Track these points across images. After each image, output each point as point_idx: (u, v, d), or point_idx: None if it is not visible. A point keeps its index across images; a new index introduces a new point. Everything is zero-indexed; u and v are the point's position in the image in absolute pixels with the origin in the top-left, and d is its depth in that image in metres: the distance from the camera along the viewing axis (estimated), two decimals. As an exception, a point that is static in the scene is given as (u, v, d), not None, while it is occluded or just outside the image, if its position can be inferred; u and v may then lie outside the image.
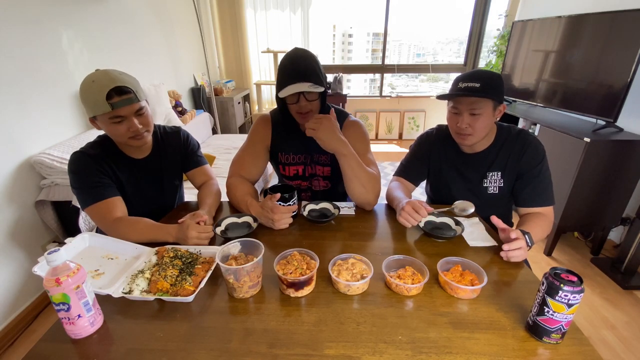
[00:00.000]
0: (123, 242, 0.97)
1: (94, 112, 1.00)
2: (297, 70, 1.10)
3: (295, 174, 1.36)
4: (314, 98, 1.16)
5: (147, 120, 1.08)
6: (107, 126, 1.04)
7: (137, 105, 1.03)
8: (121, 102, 0.99)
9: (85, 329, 0.69)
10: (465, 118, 1.10)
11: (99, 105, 0.97)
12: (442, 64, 4.71)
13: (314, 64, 1.13)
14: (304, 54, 1.14)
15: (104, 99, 0.96)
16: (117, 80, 0.99)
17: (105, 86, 0.97)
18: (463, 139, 1.15)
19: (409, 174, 1.32)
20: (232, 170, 1.30)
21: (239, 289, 0.79)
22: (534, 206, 1.15)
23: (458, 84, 1.10)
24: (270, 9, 4.00)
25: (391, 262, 0.87)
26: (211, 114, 3.63)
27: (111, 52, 2.36)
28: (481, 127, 1.11)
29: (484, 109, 1.08)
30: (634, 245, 1.91)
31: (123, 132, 1.04)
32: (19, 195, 1.67)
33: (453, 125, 1.16)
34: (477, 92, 1.05)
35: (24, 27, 1.69)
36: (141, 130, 1.06)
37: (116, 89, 0.98)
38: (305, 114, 1.18)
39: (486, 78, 1.07)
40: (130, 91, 1.01)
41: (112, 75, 0.99)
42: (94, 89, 0.97)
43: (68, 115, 1.98)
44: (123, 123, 1.03)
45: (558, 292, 0.63)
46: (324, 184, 1.39)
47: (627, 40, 1.91)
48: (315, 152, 1.32)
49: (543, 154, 1.15)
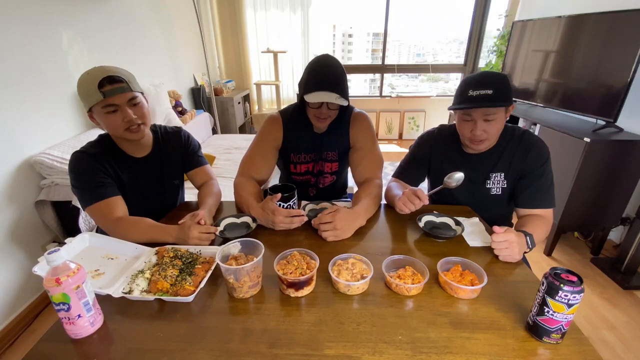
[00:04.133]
0: (123, 242, 0.97)
1: (88, 102, 1.01)
2: (329, 80, 1.14)
3: (306, 171, 1.39)
4: (335, 108, 1.20)
5: (142, 112, 1.08)
6: (102, 118, 1.04)
7: (129, 95, 1.03)
8: (113, 91, 1.00)
9: (85, 329, 0.69)
10: (480, 125, 1.08)
11: (92, 94, 0.98)
12: (442, 64, 4.71)
13: (343, 76, 1.17)
14: (336, 65, 1.17)
15: (96, 87, 0.98)
16: (109, 71, 1.00)
17: (97, 76, 0.98)
18: (477, 144, 1.13)
19: (407, 177, 1.32)
20: (241, 170, 1.32)
21: (239, 289, 0.79)
22: (534, 207, 1.14)
23: (468, 91, 1.06)
24: (270, 9, 4.00)
25: (391, 262, 0.87)
26: (211, 114, 3.63)
27: (111, 52, 2.36)
28: (495, 132, 1.11)
29: (497, 114, 1.07)
30: (634, 245, 1.91)
31: (118, 123, 1.04)
32: (19, 195, 1.67)
33: (466, 132, 1.12)
34: (492, 100, 1.03)
35: (24, 27, 1.69)
36: (136, 121, 1.05)
37: (108, 78, 0.99)
38: (323, 119, 1.22)
39: (497, 82, 1.04)
40: (123, 80, 1.02)
41: (105, 68, 1.02)
42: (88, 80, 0.99)
43: (68, 115, 1.98)
44: (117, 113, 1.03)
45: (558, 292, 0.63)
46: (331, 179, 1.41)
47: (627, 40, 1.91)
48: (325, 150, 1.35)
49: (547, 156, 1.13)
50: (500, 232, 0.91)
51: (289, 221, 1.06)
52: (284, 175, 1.51)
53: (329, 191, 1.45)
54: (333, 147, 1.34)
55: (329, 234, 1.01)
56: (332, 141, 1.34)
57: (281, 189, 1.11)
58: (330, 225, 1.01)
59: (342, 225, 1.01)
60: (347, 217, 1.03)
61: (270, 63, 4.16)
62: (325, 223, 1.02)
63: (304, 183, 1.41)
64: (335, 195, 1.50)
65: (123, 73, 1.04)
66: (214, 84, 3.71)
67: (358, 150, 1.31)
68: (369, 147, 1.30)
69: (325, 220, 1.02)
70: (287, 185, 1.13)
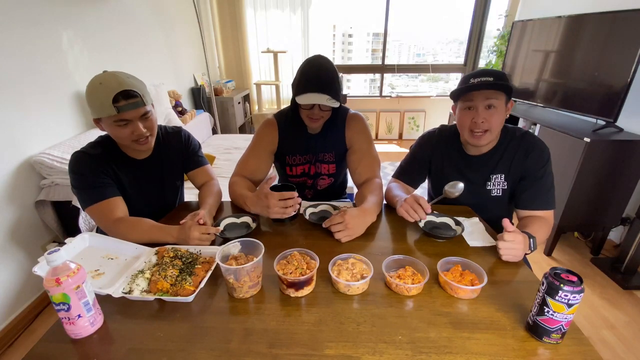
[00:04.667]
0: (123, 242, 0.97)
1: (99, 114, 1.00)
2: (320, 81, 1.13)
3: (302, 172, 1.39)
4: (327, 109, 1.20)
5: (151, 124, 1.08)
6: (111, 128, 1.04)
7: (142, 110, 1.03)
8: (127, 106, 0.99)
9: (85, 329, 0.69)
10: (481, 113, 1.08)
11: (105, 108, 0.97)
12: (442, 64, 4.71)
13: (335, 77, 1.16)
14: (327, 65, 1.16)
15: (110, 102, 0.96)
16: (124, 84, 0.98)
17: (112, 89, 0.96)
18: (479, 138, 1.11)
19: (408, 177, 1.32)
20: (235, 171, 1.33)
21: (239, 289, 0.79)
22: (534, 209, 1.14)
23: (470, 79, 1.09)
24: (270, 8, 4.00)
25: (391, 262, 0.87)
26: (211, 114, 3.63)
27: (111, 52, 2.36)
28: (497, 123, 1.10)
29: (499, 101, 1.07)
30: (634, 245, 1.91)
31: (127, 136, 1.04)
32: (19, 195, 1.67)
33: (467, 121, 1.12)
34: (493, 85, 1.05)
35: (24, 28, 1.68)
36: (145, 134, 1.06)
37: (123, 93, 0.97)
38: (315, 120, 1.22)
39: (497, 72, 1.08)
40: (137, 95, 1.00)
41: (120, 79, 0.99)
42: (101, 92, 0.97)
43: (68, 115, 1.98)
44: (127, 126, 1.03)
45: (558, 292, 0.63)
46: (328, 181, 1.41)
47: (627, 40, 1.91)
48: (320, 151, 1.35)
49: (548, 157, 1.13)
50: (511, 231, 0.91)
51: (283, 204, 1.04)
52: (281, 177, 1.51)
53: (326, 193, 1.45)
54: (329, 148, 1.34)
55: (341, 234, 1.00)
56: (328, 142, 1.34)
57: (281, 189, 1.11)
58: (342, 225, 1.00)
59: (353, 224, 1.01)
60: (357, 215, 1.03)
61: (270, 63, 4.16)
62: (336, 224, 1.01)
63: (301, 185, 1.42)
64: (334, 196, 1.50)
65: (137, 85, 1.02)
66: (214, 84, 3.71)
67: (356, 152, 1.31)
68: (366, 149, 1.30)
69: (336, 221, 1.01)
70: (287, 185, 1.13)
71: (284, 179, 1.46)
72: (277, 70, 4.10)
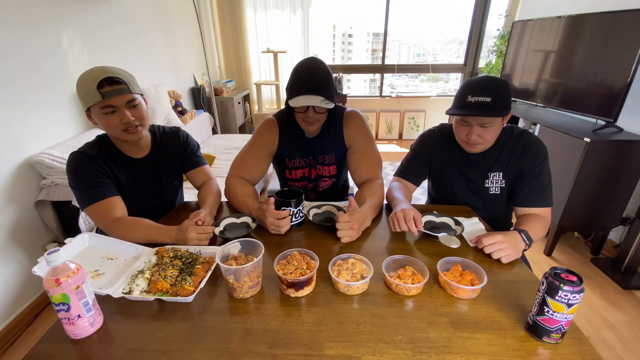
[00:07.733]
0: (123, 242, 0.97)
1: (87, 102, 1.01)
2: (312, 83, 1.11)
3: (302, 176, 1.37)
4: (322, 111, 1.18)
5: (140, 114, 1.07)
6: (100, 118, 1.04)
7: (128, 97, 1.03)
8: (112, 92, 0.99)
9: (85, 329, 0.69)
10: (475, 130, 1.09)
11: (91, 94, 0.98)
12: (442, 64, 4.72)
13: (328, 78, 1.14)
14: (320, 67, 1.15)
15: (95, 88, 0.97)
16: (109, 72, 1.00)
17: (97, 77, 0.98)
18: (472, 147, 1.15)
19: (409, 174, 1.32)
20: (232, 171, 1.30)
21: (239, 289, 0.79)
22: (532, 206, 1.14)
23: (467, 96, 1.06)
24: (270, 8, 4.00)
25: (391, 262, 0.87)
26: (211, 114, 3.63)
27: (111, 52, 2.36)
28: (491, 137, 1.12)
29: (494, 122, 1.08)
30: (634, 245, 1.91)
31: (116, 124, 1.04)
32: (19, 195, 1.67)
33: (462, 135, 1.14)
34: (489, 109, 1.04)
35: (24, 27, 1.68)
36: (133, 123, 1.05)
37: (108, 79, 0.99)
38: (311, 123, 1.20)
39: (497, 90, 1.05)
40: (122, 82, 1.01)
41: (105, 68, 1.01)
42: (87, 80, 0.99)
43: (68, 115, 1.98)
44: (115, 114, 1.03)
45: (558, 292, 0.63)
46: (330, 182, 1.40)
47: (627, 40, 1.91)
48: (320, 154, 1.34)
49: (545, 155, 1.14)
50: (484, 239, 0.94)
51: (277, 224, 1.02)
52: (280, 181, 1.49)
53: (328, 194, 1.44)
54: (329, 150, 1.33)
55: (344, 232, 0.99)
56: (327, 144, 1.32)
57: (288, 194, 1.09)
58: (347, 225, 0.99)
59: (357, 226, 1.00)
60: (360, 218, 1.02)
61: (270, 63, 4.16)
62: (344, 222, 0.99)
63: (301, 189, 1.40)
64: (336, 197, 1.49)
65: (123, 74, 1.03)
66: (214, 84, 3.71)
67: (355, 152, 1.29)
68: (366, 148, 1.29)
69: (343, 220, 0.99)
70: (294, 190, 1.10)
71: (283, 183, 1.44)
72: (277, 70, 4.10)
